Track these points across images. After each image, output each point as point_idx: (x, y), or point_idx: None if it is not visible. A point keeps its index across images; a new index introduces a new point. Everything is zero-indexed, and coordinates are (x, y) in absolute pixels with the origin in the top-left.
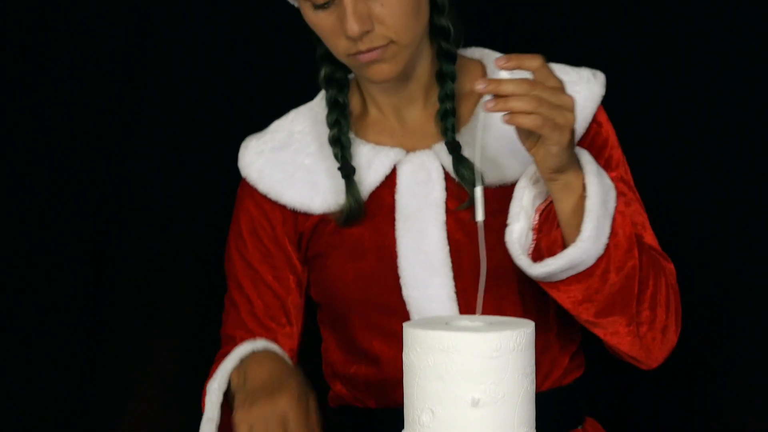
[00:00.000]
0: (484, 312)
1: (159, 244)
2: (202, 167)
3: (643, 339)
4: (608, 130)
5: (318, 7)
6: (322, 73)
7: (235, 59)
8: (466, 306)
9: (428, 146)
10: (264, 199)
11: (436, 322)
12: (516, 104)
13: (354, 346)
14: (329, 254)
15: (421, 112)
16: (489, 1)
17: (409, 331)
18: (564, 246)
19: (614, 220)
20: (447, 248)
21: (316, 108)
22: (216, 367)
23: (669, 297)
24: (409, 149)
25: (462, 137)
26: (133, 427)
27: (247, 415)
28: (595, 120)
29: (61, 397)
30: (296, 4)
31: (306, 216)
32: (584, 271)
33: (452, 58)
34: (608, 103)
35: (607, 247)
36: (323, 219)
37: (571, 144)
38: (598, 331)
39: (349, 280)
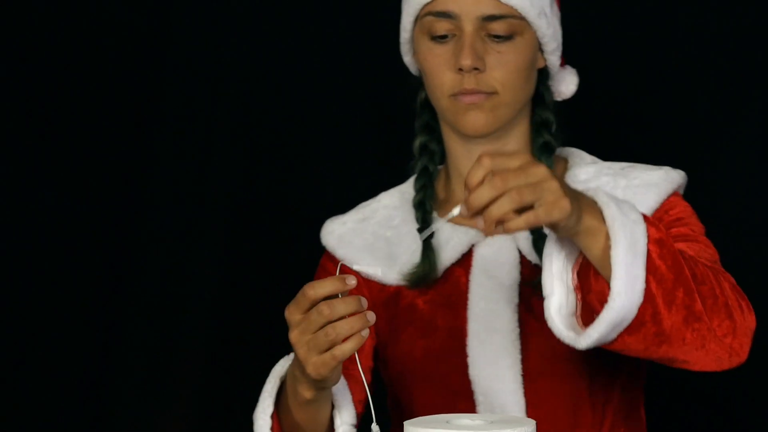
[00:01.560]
0: (557, 398)
1: (177, 253)
2: (217, 176)
3: (732, 347)
4: (684, 209)
5: (435, 38)
6: (417, 142)
7: (248, 72)
8: (532, 389)
9: None
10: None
11: (437, 421)
12: (497, 211)
13: None
14: (403, 329)
15: None
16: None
17: (411, 430)
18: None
19: (649, 255)
20: (517, 330)
21: (405, 188)
22: None
23: (737, 294)
24: None
25: None
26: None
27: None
28: (668, 201)
29: (77, 408)
30: (406, 59)
31: (381, 287)
32: (631, 325)
33: (551, 151)
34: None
35: (647, 291)
36: (398, 293)
37: (574, 203)
38: (684, 366)
39: (418, 357)
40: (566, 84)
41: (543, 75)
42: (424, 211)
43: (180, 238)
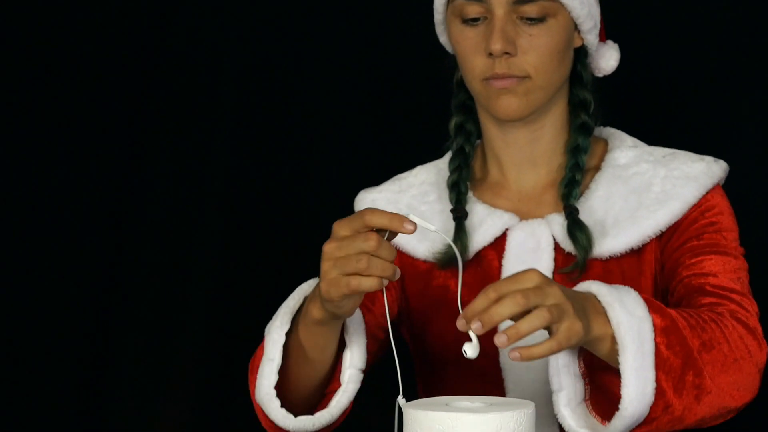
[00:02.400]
0: None
1: (173, 250)
2: (214, 173)
3: (743, 396)
4: (721, 211)
5: (466, 21)
6: (453, 122)
7: (246, 71)
8: None
9: (542, 215)
10: None
11: (437, 403)
12: (528, 327)
13: None
14: (435, 311)
15: (541, 179)
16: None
17: (409, 412)
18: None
19: (657, 349)
20: None
21: (441, 164)
22: None
23: (748, 335)
24: (523, 216)
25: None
26: None
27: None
28: (706, 197)
29: (74, 407)
30: (442, 39)
31: (412, 261)
32: (645, 420)
33: (589, 131)
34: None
35: (657, 388)
36: (430, 272)
37: (584, 320)
38: (696, 427)
39: (449, 341)
40: (606, 60)
41: (581, 53)
42: (459, 192)
43: (178, 231)
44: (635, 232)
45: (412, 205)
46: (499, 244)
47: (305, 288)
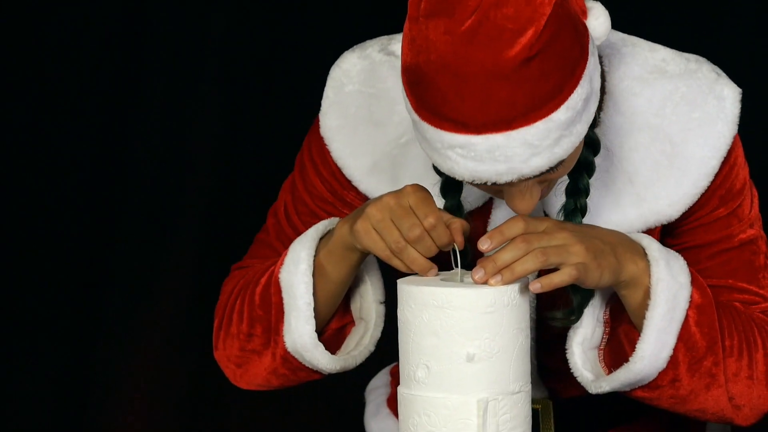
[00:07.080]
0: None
1: (155, 229)
2: (196, 158)
3: (746, 415)
4: (738, 171)
5: None
6: None
7: (231, 58)
8: (546, 357)
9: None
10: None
11: (431, 279)
12: (521, 269)
13: None
14: None
15: None
16: None
17: (404, 288)
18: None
19: (686, 321)
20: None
21: None
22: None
23: None
24: None
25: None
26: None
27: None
28: (727, 159)
29: (60, 377)
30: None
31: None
32: (647, 385)
33: (596, 148)
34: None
35: (672, 358)
36: None
37: (603, 261)
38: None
39: None
40: (597, 31)
41: None
42: None
43: (160, 215)
44: (639, 223)
45: (391, 144)
46: (485, 209)
47: (320, 228)
